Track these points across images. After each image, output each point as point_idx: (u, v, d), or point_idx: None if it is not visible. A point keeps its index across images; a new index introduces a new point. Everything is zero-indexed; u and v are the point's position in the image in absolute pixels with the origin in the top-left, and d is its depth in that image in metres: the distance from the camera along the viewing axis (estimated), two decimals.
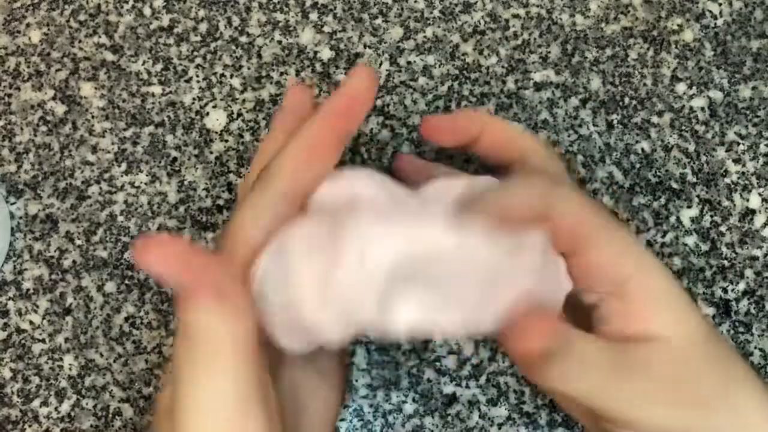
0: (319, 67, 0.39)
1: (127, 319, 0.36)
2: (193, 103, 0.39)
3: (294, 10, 0.40)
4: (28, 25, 0.40)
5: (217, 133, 0.38)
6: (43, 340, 0.36)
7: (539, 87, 0.39)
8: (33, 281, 0.37)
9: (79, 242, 0.37)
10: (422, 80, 0.39)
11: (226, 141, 0.38)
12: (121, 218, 0.37)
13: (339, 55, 0.39)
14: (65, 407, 0.35)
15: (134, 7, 0.40)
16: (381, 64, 0.39)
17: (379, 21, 0.40)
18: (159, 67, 0.39)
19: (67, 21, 0.40)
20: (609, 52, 0.39)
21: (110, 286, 0.37)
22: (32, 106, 0.39)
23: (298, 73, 0.39)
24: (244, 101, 0.39)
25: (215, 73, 0.39)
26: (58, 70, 0.39)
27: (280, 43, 0.40)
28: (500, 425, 0.35)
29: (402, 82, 0.39)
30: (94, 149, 0.38)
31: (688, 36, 0.39)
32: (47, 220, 0.37)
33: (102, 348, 0.36)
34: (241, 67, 0.39)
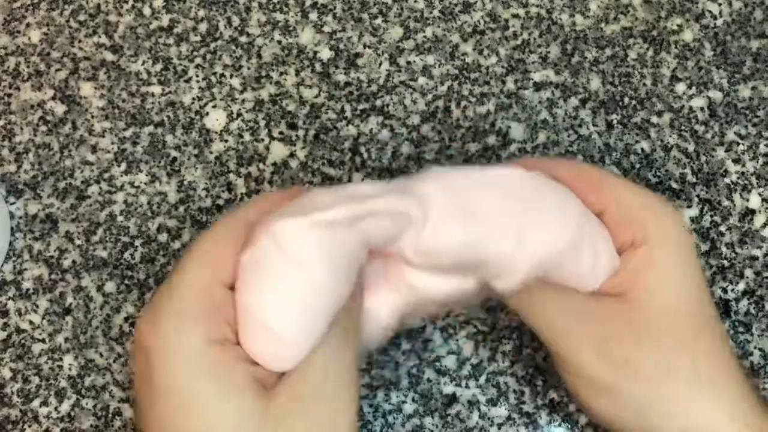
0: (318, 67, 0.39)
1: (126, 319, 0.36)
2: (193, 103, 0.39)
3: (294, 10, 0.40)
4: (28, 25, 0.40)
5: (216, 133, 0.38)
6: (43, 340, 0.36)
7: (539, 87, 0.39)
8: (33, 281, 0.37)
9: (78, 242, 0.37)
10: (422, 80, 0.39)
11: (226, 141, 0.38)
12: (120, 218, 0.37)
13: (339, 55, 0.39)
14: (65, 407, 0.35)
15: (134, 7, 0.40)
16: (381, 64, 0.39)
17: (378, 21, 0.40)
18: (159, 67, 0.39)
19: (67, 21, 0.40)
20: (609, 52, 0.39)
21: (110, 286, 0.37)
22: (32, 106, 0.39)
23: (297, 73, 0.39)
24: (243, 101, 0.39)
25: (215, 73, 0.39)
26: (57, 70, 0.39)
27: (279, 43, 0.40)
28: (500, 425, 0.35)
29: (402, 82, 0.39)
30: (94, 149, 0.38)
31: (688, 36, 0.39)
32: (47, 220, 0.37)
33: (102, 348, 0.36)
34: (240, 67, 0.39)
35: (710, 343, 0.26)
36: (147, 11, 0.40)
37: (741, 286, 0.36)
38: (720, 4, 0.40)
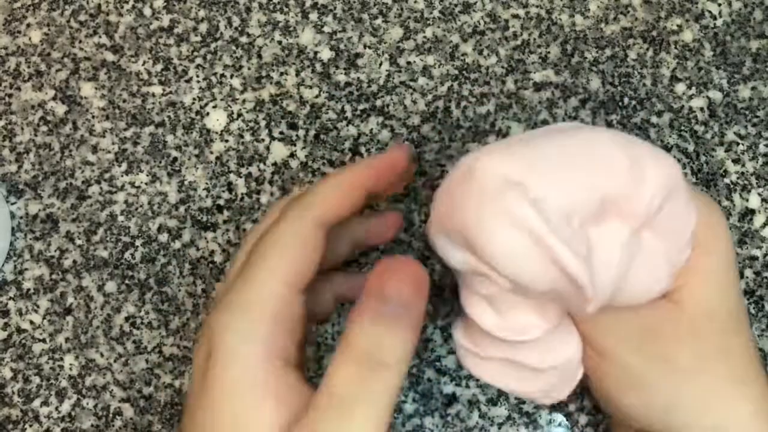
0: (319, 67, 0.39)
1: (127, 318, 0.36)
2: (194, 103, 0.39)
3: (294, 10, 0.40)
4: (28, 25, 0.40)
5: (217, 133, 0.38)
6: (44, 340, 0.36)
7: (539, 87, 0.39)
8: (33, 281, 0.37)
9: (79, 242, 0.37)
10: (422, 80, 0.39)
11: (226, 141, 0.38)
12: (121, 218, 0.37)
13: (339, 56, 0.39)
14: (66, 407, 0.35)
15: (134, 8, 0.40)
16: (381, 64, 0.39)
17: (379, 21, 0.40)
18: (159, 67, 0.39)
19: (68, 21, 0.40)
20: (608, 52, 0.39)
21: (110, 286, 0.37)
22: (33, 106, 0.39)
23: (298, 74, 0.39)
24: (244, 101, 0.39)
25: (215, 74, 0.39)
26: (58, 70, 0.39)
27: (280, 43, 0.40)
28: (500, 425, 0.35)
29: (402, 83, 0.39)
30: (95, 149, 0.38)
31: (688, 36, 0.40)
32: (48, 220, 0.38)
33: (102, 348, 0.36)
34: (241, 68, 0.39)
35: (744, 344, 0.27)
36: (147, 11, 0.40)
37: (741, 286, 0.36)
38: (720, 5, 0.40)
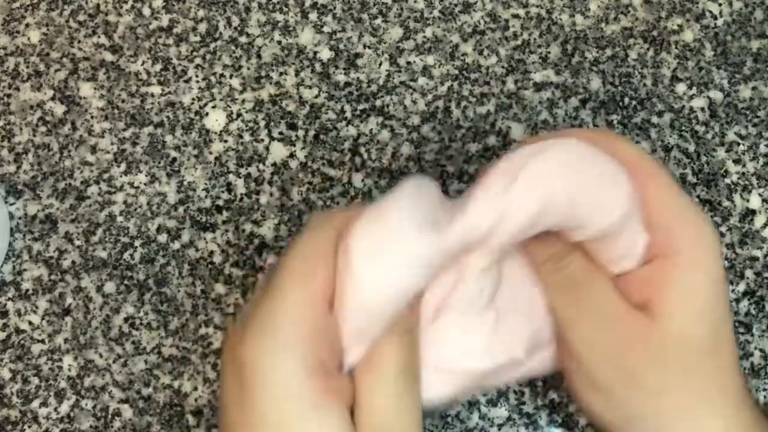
0: (318, 67, 0.39)
1: (126, 319, 0.36)
2: (193, 103, 0.39)
3: (293, 10, 0.40)
4: (27, 25, 0.40)
5: (216, 133, 0.38)
6: (43, 341, 0.36)
7: (539, 87, 0.39)
8: (32, 282, 0.37)
9: (78, 242, 0.37)
10: (422, 80, 0.39)
11: (226, 141, 0.38)
12: (120, 218, 0.37)
13: (338, 56, 0.39)
14: (65, 408, 0.35)
15: (133, 8, 0.40)
16: (380, 64, 0.39)
17: (378, 21, 0.40)
18: (158, 67, 0.39)
19: (67, 21, 0.40)
20: (609, 52, 0.39)
21: (109, 287, 0.37)
22: (31, 107, 0.39)
23: (297, 74, 0.39)
24: (243, 101, 0.39)
25: (215, 74, 0.39)
26: (57, 71, 0.39)
27: (279, 43, 0.40)
28: (500, 426, 0.35)
29: (402, 83, 0.39)
30: (94, 149, 0.38)
31: (688, 36, 0.39)
32: (46, 221, 0.37)
33: (101, 348, 0.36)
34: (240, 68, 0.39)
35: (719, 364, 0.26)
36: (146, 11, 0.40)
37: (741, 286, 0.36)
38: (720, 5, 0.40)
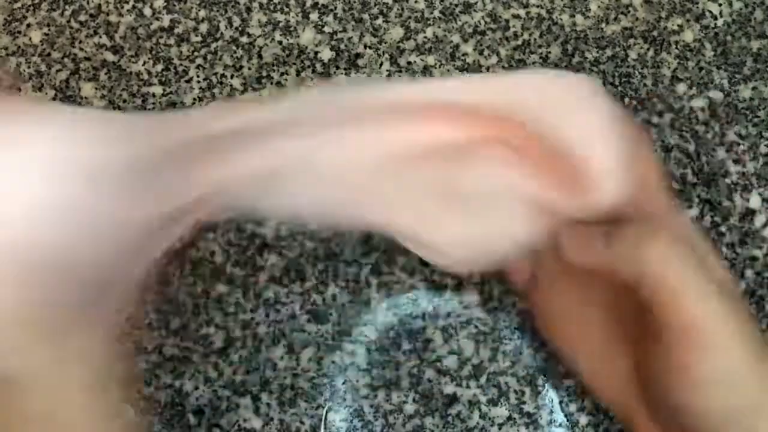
0: (319, 67, 0.39)
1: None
2: (194, 103, 0.39)
3: (294, 10, 0.40)
4: (28, 25, 0.40)
5: None
6: None
7: None
8: None
9: None
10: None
11: None
12: None
13: (339, 56, 0.39)
14: None
15: (135, 8, 0.40)
16: (381, 64, 0.39)
17: (379, 21, 0.40)
18: (159, 67, 0.39)
19: (68, 21, 0.40)
20: (609, 52, 0.39)
21: None
22: None
23: (298, 74, 0.39)
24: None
25: (216, 74, 0.39)
26: (58, 71, 0.39)
27: (280, 43, 0.40)
28: (501, 425, 0.35)
29: None
30: None
31: (689, 36, 0.40)
32: None
33: None
34: (241, 68, 0.39)
35: None
36: (148, 12, 0.40)
37: (741, 286, 0.36)
38: (720, 5, 0.40)
